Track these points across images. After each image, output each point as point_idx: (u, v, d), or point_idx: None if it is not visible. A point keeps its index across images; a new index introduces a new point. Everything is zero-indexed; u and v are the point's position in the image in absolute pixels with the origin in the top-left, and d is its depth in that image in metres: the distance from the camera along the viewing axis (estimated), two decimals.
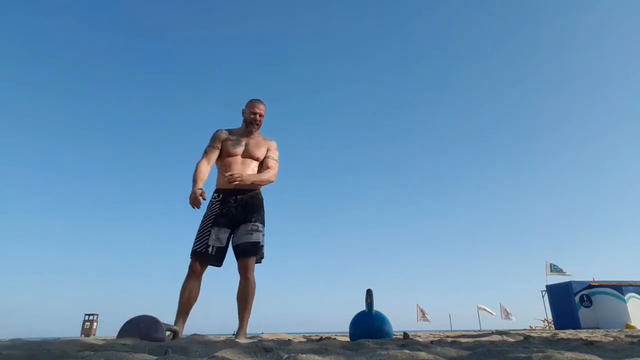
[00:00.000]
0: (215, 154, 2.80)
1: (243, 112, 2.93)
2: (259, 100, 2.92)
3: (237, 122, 2.99)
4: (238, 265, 2.67)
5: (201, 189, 2.58)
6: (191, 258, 2.62)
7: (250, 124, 2.86)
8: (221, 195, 2.74)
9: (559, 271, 17.09)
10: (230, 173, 2.60)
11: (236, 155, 2.78)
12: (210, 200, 2.75)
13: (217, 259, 2.65)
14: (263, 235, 2.73)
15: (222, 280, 2.73)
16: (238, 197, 2.72)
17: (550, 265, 17.38)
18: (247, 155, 2.80)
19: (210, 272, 2.95)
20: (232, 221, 2.70)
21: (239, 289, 2.65)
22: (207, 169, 2.74)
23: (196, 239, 2.65)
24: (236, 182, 2.59)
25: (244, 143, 2.83)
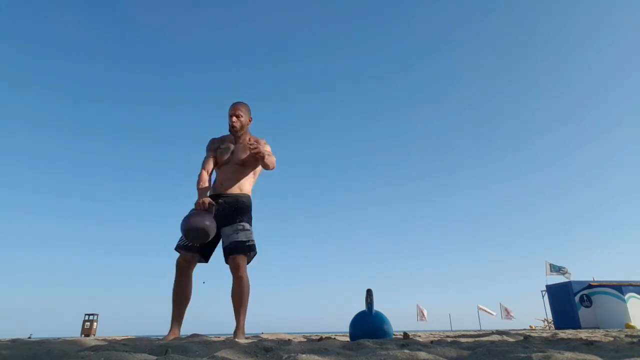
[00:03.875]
0: (211, 163, 2.87)
1: None
2: (235, 102, 2.96)
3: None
4: (229, 265, 2.67)
5: (208, 197, 2.68)
6: (178, 253, 2.65)
7: (230, 128, 2.91)
8: None
9: (559, 271, 17.09)
10: (253, 145, 2.63)
11: (223, 162, 2.85)
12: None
13: (202, 253, 2.68)
14: (251, 232, 2.74)
15: (221, 280, 2.72)
16: (222, 200, 2.74)
17: (550, 265, 17.38)
18: (234, 160, 2.84)
19: (209, 272, 2.94)
20: (217, 221, 2.71)
21: (232, 289, 2.65)
22: (207, 177, 2.81)
23: (181, 237, 2.67)
24: (256, 150, 2.62)
25: (231, 149, 2.87)
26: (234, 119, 2.88)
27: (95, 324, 21.31)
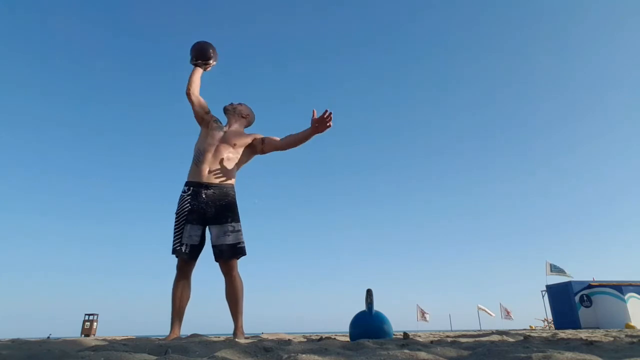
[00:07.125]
0: (205, 106, 2.98)
1: None
2: None
3: None
4: (220, 267, 2.65)
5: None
6: (176, 257, 2.63)
7: (226, 106, 3.04)
8: (191, 189, 2.69)
9: (560, 271, 17.09)
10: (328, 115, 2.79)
11: (214, 141, 2.81)
12: (181, 195, 2.71)
13: (191, 257, 2.63)
14: (241, 234, 2.68)
15: (220, 279, 2.70)
16: (208, 191, 2.67)
17: (550, 265, 17.36)
18: (224, 141, 2.83)
19: (208, 272, 2.94)
20: (204, 216, 2.66)
21: (226, 290, 2.63)
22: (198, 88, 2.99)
23: (173, 237, 2.65)
24: (330, 123, 2.83)
25: (224, 130, 2.90)
26: (235, 103, 3.04)
27: (95, 324, 21.26)
